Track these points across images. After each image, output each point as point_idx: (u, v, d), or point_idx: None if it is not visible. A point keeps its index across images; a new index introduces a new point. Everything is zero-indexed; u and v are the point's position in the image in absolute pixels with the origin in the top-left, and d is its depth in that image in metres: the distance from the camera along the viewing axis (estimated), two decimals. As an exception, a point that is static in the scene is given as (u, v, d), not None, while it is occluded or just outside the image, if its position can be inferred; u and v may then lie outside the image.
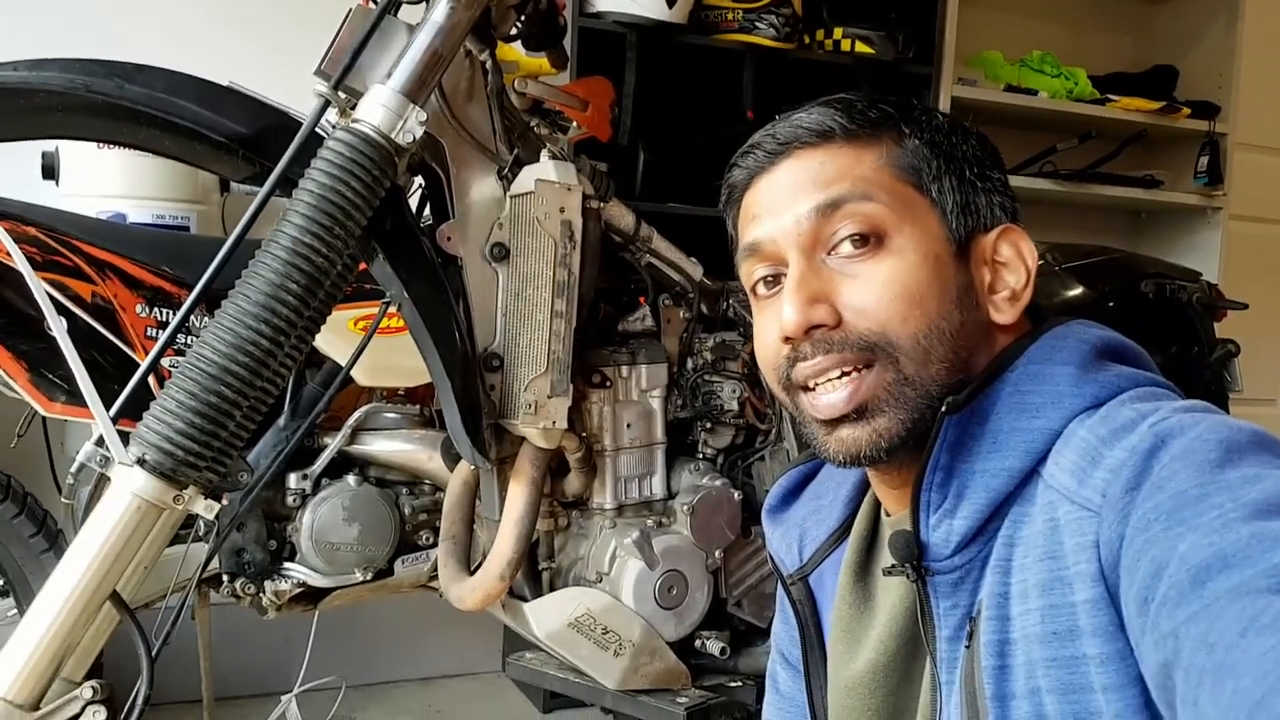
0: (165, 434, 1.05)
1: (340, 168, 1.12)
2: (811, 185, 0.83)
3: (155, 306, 1.61)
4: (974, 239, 0.83)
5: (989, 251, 0.83)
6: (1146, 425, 0.69)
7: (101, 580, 1.05)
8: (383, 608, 2.46)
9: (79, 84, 1.23)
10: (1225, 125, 3.17)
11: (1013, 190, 0.88)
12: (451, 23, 1.22)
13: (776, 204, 0.85)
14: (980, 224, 0.84)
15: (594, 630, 1.42)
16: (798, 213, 0.83)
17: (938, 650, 0.79)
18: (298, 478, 1.66)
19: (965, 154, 0.85)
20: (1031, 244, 0.85)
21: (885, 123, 0.85)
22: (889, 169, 0.83)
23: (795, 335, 0.81)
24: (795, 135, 0.85)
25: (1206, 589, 0.57)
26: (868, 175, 0.82)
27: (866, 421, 0.80)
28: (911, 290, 0.79)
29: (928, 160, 0.83)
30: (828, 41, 2.59)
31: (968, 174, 0.84)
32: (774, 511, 1.03)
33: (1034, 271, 0.84)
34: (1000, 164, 0.88)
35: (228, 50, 2.33)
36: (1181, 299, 1.96)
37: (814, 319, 0.80)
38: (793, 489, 1.02)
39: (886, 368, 0.79)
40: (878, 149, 0.83)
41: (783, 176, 0.85)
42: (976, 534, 0.76)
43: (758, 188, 0.87)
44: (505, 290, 1.37)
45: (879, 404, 0.79)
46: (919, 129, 0.85)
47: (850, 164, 0.83)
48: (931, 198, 0.83)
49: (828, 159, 0.83)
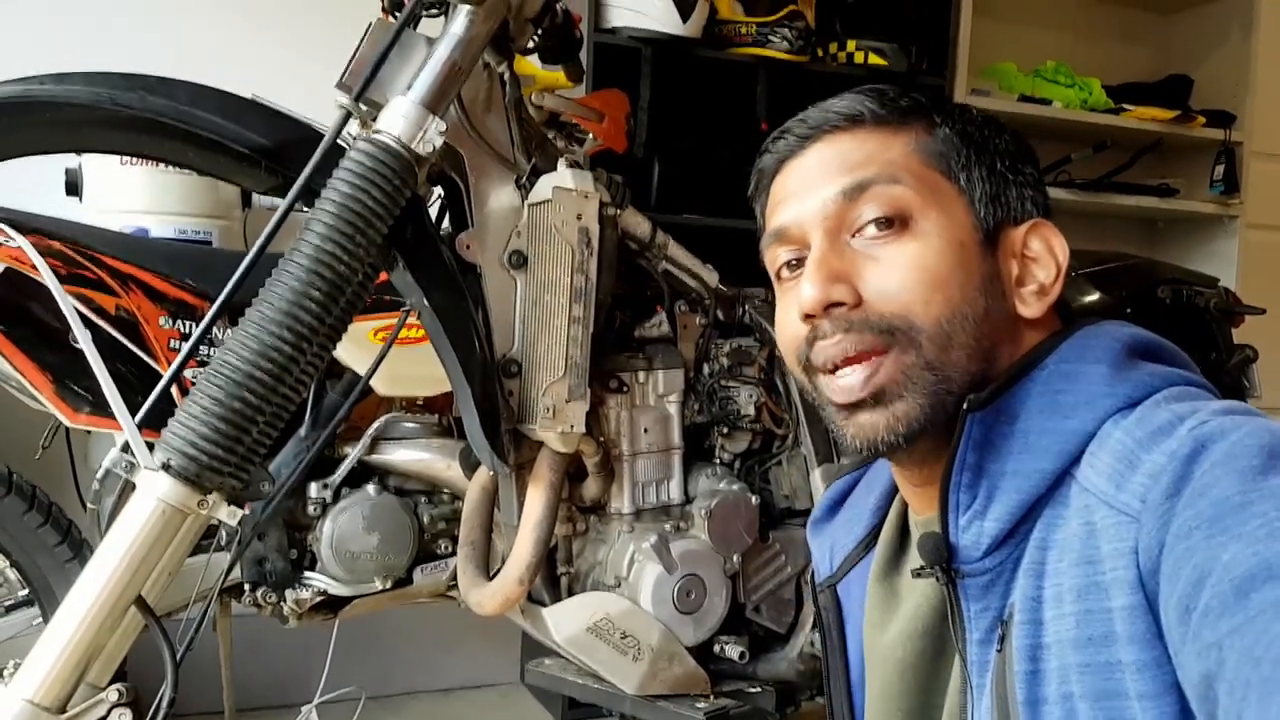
0: (190, 439, 1.06)
1: (362, 177, 1.14)
2: (838, 169, 0.83)
3: (178, 319, 1.62)
4: (1003, 230, 0.83)
5: (1018, 245, 0.83)
6: (1186, 429, 0.67)
7: (127, 585, 1.06)
8: (401, 619, 2.47)
9: (104, 97, 1.25)
10: (1241, 134, 3.17)
11: (1046, 188, 0.87)
12: (470, 35, 1.24)
13: (803, 188, 0.84)
14: (1010, 216, 0.83)
15: (613, 635, 1.43)
16: (824, 196, 0.82)
17: (968, 653, 0.78)
18: (318, 487, 1.68)
19: (997, 146, 0.85)
20: (1063, 240, 0.84)
21: (916, 111, 0.85)
22: (918, 155, 0.83)
23: (814, 311, 0.80)
24: (825, 119, 0.85)
25: (1251, 600, 0.56)
26: (895, 159, 0.82)
27: (885, 406, 0.79)
28: (935, 273, 0.78)
29: (957, 149, 0.83)
30: (841, 54, 2.60)
31: (999, 166, 0.84)
32: (817, 523, 1.03)
33: (1064, 268, 0.83)
34: (1034, 160, 0.87)
35: (250, 63, 2.36)
36: (1199, 304, 1.96)
37: (834, 296, 0.79)
38: (838, 499, 1.02)
39: (906, 351, 0.78)
40: (907, 135, 0.83)
41: (810, 160, 0.85)
42: (1008, 536, 0.75)
43: (786, 172, 0.87)
44: (523, 297, 1.38)
45: (897, 388, 0.78)
46: (950, 119, 0.85)
47: (878, 149, 0.83)
48: (960, 185, 0.82)
49: (856, 144, 0.83)
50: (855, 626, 0.95)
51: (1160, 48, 3.45)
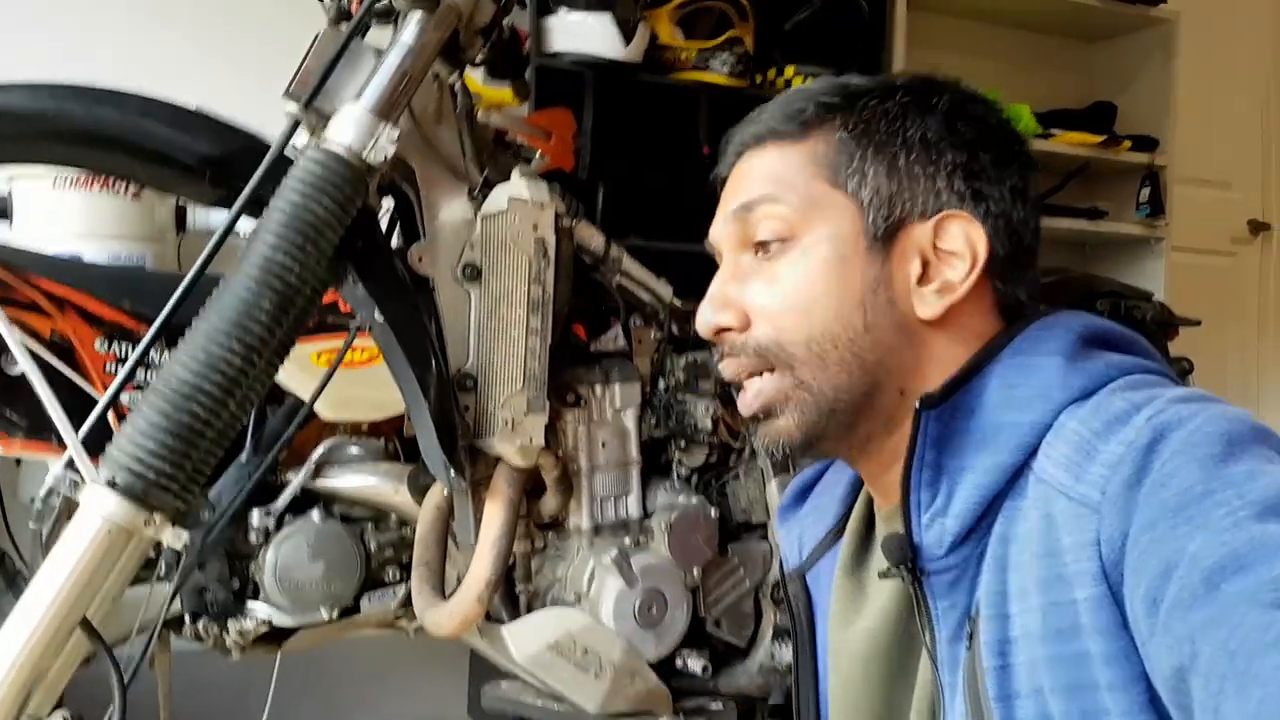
0: (136, 455, 1.02)
1: (312, 186, 1.11)
2: (737, 190, 0.87)
3: (114, 341, 1.57)
4: (902, 229, 0.81)
5: (925, 240, 0.81)
6: (1143, 418, 0.68)
7: (72, 606, 1.01)
8: (345, 653, 2.41)
9: (47, 108, 1.22)
10: (1165, 158, 3.27)
11: (990, 174, 0.83)
12: (421, 43, 1.22)
13: (720, 206, 0.90)
14: (913, 212, 0.82)
15: (574, 652, 1.40)
16: (725, 216, 0.88)
17: (938, 652, 0.78)
18: (261, 514, 1.63)
19: (910, 138, 0.82)
20: (981, 230, 0.81)
21: (819, 117, 0.84)
22: (810, 167, 0.84)
23: (707, 336, 0.86)
24: (742, 140, 0.89)
25: (1222, 591, 0.56)
26: (784, 176, 0.84)
27: (770, 422, 0.84)
28: (803, 297, 0.82)
29: (852, 153, 0.82)
30: (780, 80, 2.63)
31: (907, 158, 0.82)
32: (785, 510, 1.03)
33: (980, 261, 0.80)
34: (970, 145, 0.83)
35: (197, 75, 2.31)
36: (1136, 317, 2.00)
37: (721, 322, 0.85)
38: (805, 487, 1.02)
39: (784, 373, 0.82)
40: (804, 147, 0.84)
41: (731, 179, 0.90)
42: (970, 531, 0.75)
43: (722, 189, 0.92)
44: (478, 310, 1.36)
45: (778, 407, 0.83)
46: (855, 119, 0.83)
47: (776, 166, 0.85)
48: (847, 191, 0.82)
49: (760, 162, 0.87)
50: (825, 616, 0.94)
51: (1086, 75, 3.56)
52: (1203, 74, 3.52)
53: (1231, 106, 3.78)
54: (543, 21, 2.35)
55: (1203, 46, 3.51)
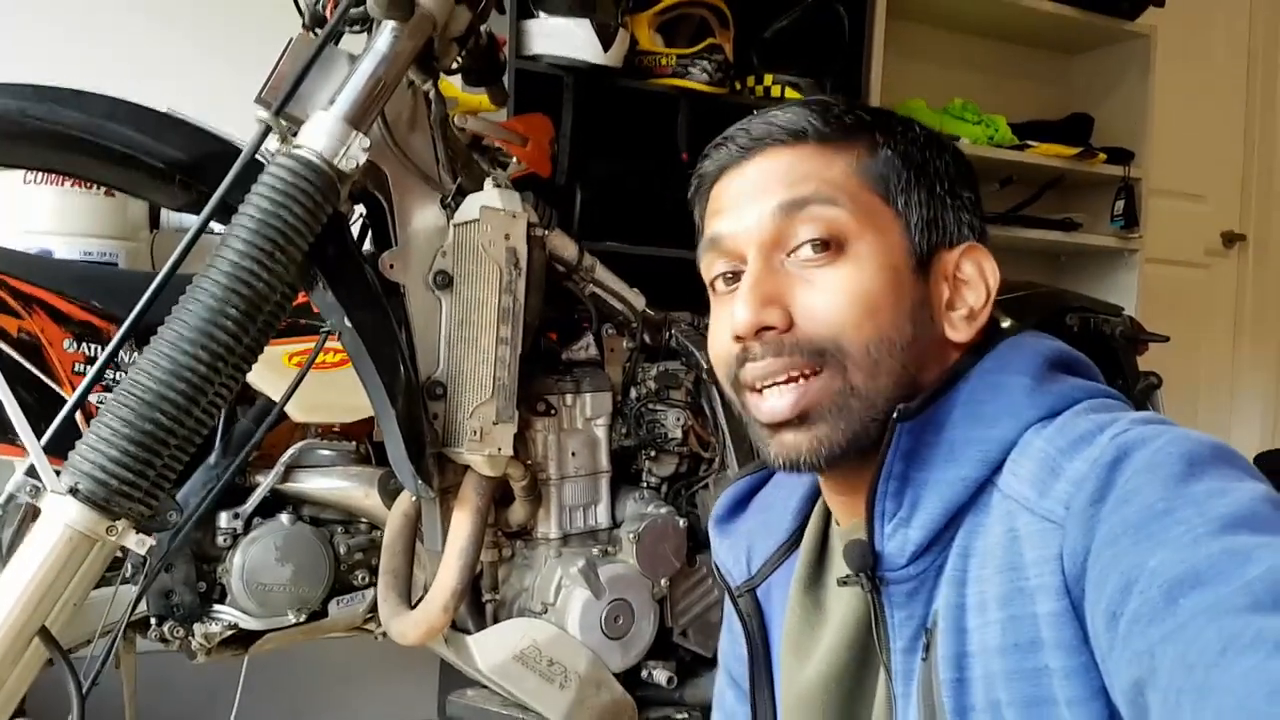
0: (99, 462, 1.02)
1: (282, 192, 1.11)
2: (778, 184, 0.83)
3: (83, 341, 1.56)
4: (937, 254, 0.83)
5: (951, 268, 0.84)
6: (1107, 437, 0.69)
7: (31, 615, 1.00)
8: (313, 655, 2.40)
9: (12, 109, 1.20)
10: (1139, 171, 3.29)
11: (982, 210, 0.89)
12: (395, 51, 1.22)
13: (742, 200, 0.84)
14: (945, 240, 0.84)
15: (539, 662, 1.40)
16: (761, 211, 0.82)
17: (893, 663, 0.78)
18: (229, 517, 1.61)
19: (938, 169, 0.85)
20: (994, 264, 0.85)
21: (860, 130, 0.85)
22: (857, 176, 0.83)
23: (746, 335, 0.81)
24: (768, 132, 0.85)
25: (1180, 606, 0.57)
26: (835, 180, 0.82)
27: (809, 428, 0.80)
28: (866, 299, 0.79)
29: (898, 171, 0.83)
30: (758, 87, 2.64)
31: (938, 189, 0.84)
32: (721, 522, 1.01)
33: (994, 291, 0.84)
34: (973, 183, 0.88)
35: (168, 77, 2.30)
36: (1105, 332, 2.02)
37: (766, 320, 0.80)
38: (741, 499, 1.01)
39: (834, 376, 0.79)
40: (849, 155, 0.83)
41: (751, 172, 0.85)
42: (931, 543, 0.75)
43: (726, 181, 0.87)
44: (449, 318, 1.36)
45: (822, 412, 0.79)
46: (894, 139, 0.85)
47: (819, 167, 0.83)
48: (897, 209, 0.83)
49: (797, 160, 0.83)
50: (779, 632, 0.94)
51: (1063, 87, 3.58)
52: (1179, 87, 3.56)
53: (1207, 119, 3.82)
54: (522, 25, 2.35)
55: (1179, 60, 3.55)
